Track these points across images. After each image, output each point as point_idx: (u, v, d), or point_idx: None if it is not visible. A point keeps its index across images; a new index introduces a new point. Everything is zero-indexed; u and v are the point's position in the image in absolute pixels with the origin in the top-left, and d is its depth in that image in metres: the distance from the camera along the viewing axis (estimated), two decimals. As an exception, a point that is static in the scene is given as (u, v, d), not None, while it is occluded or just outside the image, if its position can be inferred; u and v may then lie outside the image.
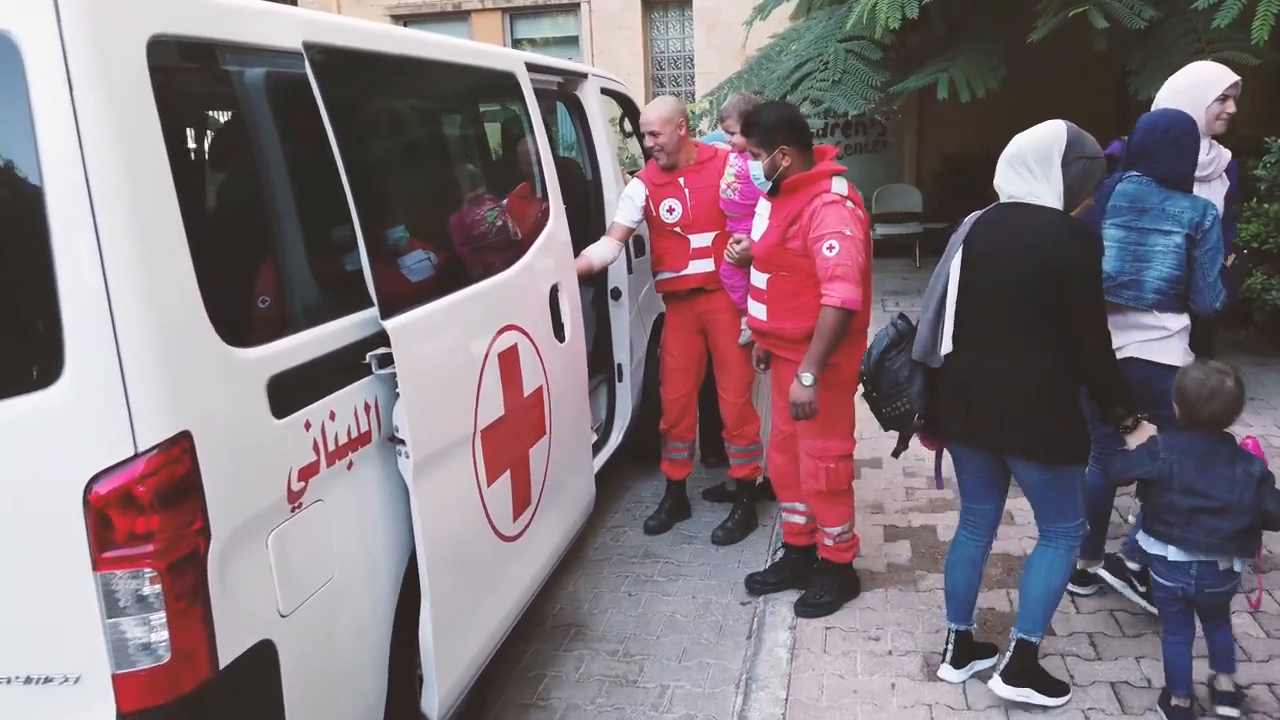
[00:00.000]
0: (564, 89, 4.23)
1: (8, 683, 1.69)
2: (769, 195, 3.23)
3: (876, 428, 4.85)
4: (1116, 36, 6.13)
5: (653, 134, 3.86)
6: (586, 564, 4.03)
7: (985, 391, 2.67)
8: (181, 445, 1.70)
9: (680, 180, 3.94)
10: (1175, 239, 2.94)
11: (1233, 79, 3.13)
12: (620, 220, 4.00)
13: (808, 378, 3.01)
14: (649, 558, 4.08)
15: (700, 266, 3.98)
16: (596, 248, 3.88)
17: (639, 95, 11.33)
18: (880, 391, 2.91)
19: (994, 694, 2.83)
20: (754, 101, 3.91)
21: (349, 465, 2.18)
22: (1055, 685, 2.84)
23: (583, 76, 4.28)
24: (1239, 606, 3.10)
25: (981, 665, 3.02)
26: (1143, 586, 3.30)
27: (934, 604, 3.48)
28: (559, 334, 3.25)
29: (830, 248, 2.95)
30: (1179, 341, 3.04)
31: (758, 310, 3.31)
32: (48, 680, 1.69)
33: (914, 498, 4.45)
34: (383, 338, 2.21)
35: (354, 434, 2.19)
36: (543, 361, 3.05)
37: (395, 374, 2.23)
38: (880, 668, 3.12)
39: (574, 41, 12.92)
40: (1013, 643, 2.82)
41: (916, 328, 2.86)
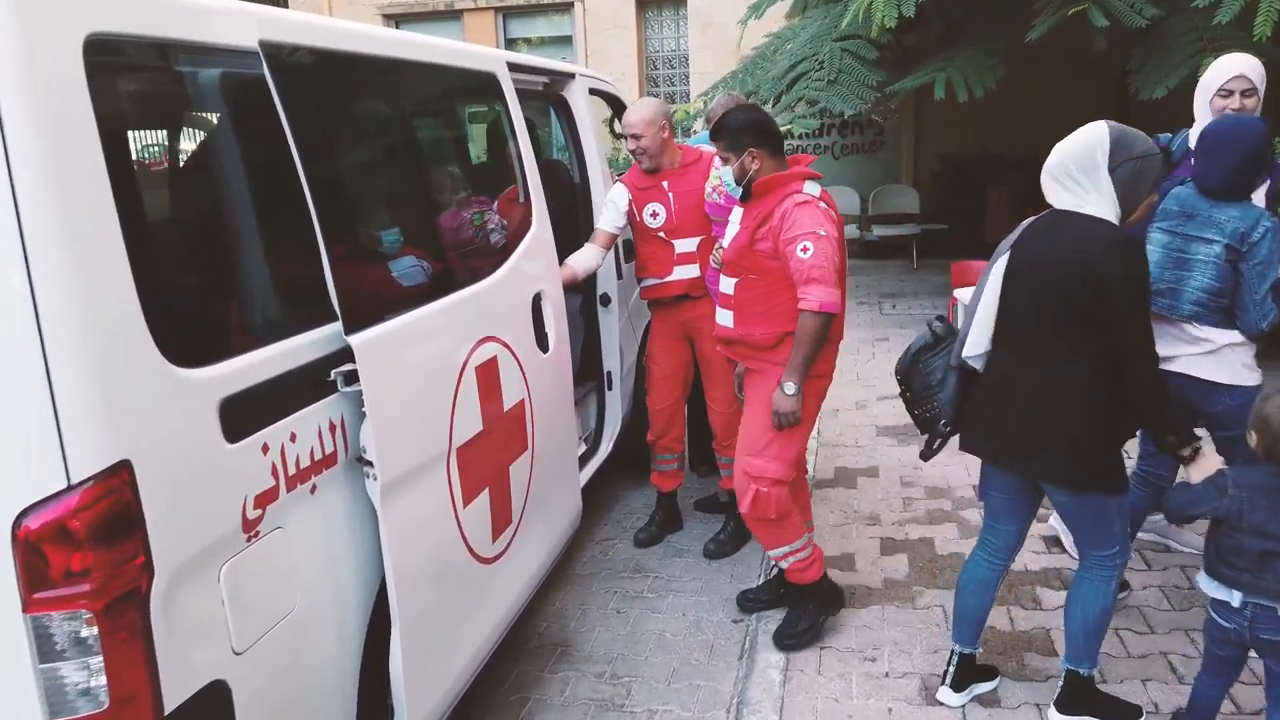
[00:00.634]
0: (550, 90, 4.10)
1: (-69, 734, 1.57)
2: (741, 201, 3.09)
3: (873, 434, 4.73)
4: (1116, 35, 6.01)
5: (635, 136, 3.74)
6: (574, 579, 3.91)
7: (1012, 407, 2.52)
8: (120, 475, 1.57)
9: (664, 184, 3.82)
10: (1215, 249, 2.80)
11: (1231, 73, 3.00)
12: (603, 226, 3.88)
13: (791, 386, 2.91)
14: (639, 572, 3.96)
15: (685, 272, 3.86)
16: (580, 256, 3.76)
17: (633, 95, 11.21)
18: (913, 392, 2.84)
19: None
20: (742, 102, 3.79)
21: (312, 489, 2.05)
22: (1125, 710, 2.70)
23: (570, 77, 4.16)
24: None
25: (982, 689, 2.90)
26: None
27: (932, 622, 3.36)
28: (542, 344, 3.12)
29: (804, 249, 2.82)
30: (1230, 356, 2.87)
31: (724, 318, 3.15)
32: (-26, 731, 1.56)
33: (911, 509, 4.33)
34: (349, 353, 2.08)
35: (318, 456, 2.07)
36: (524, 374, 2.92)
37: (361, 392, 2.10)
38: (877, 690, 3.00)
39: (568, 41, 12.80)
40: (1063, 672, 2.71)
41: (956, 331, 2.75)
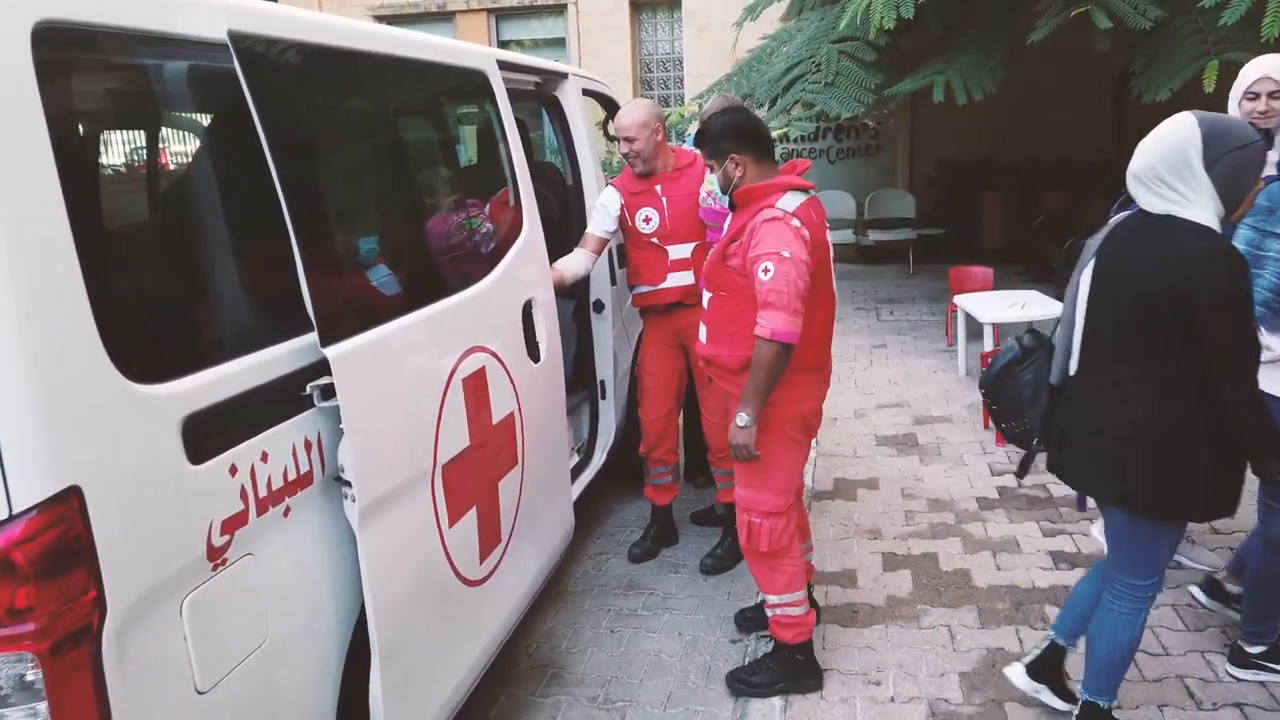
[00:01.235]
0: (542, 90, 3.97)
1: None
2: (731, 210, 2.91)
3: (873, 444, 4.58)
4: (1117, 38, 5.92)
5: (627, 139, 3.61)
6: (566, 596, 3.77)
7: (1081, 421, 2.37)
8: (69, 503, 1.44)
9: (657, 188, 3.69)
10: None
11: (1255, 75, 2.88)
12: (593, 231, 3.76)
13: (743, 417, 2.69)
14: (633, 589, 3.82)
15: (679, 279, 3.73)
16: (569, 260, 3.63)
17: (627, 98, 11.06)
18: (1001, 407, 2.71)
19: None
20: (736, 104, 3.67)
21: (285, 512, 1.92)
22: None
23: (562, 76, 4.03)
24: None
25: (1051, 701, 2.76)
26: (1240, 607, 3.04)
27: (937, 643, 3.23)
28: (533, 354, 2.99)
29: (765, 270, 2.60)
30: None
31: (702, 333, 2.98)
32: (-93, 783, 1.43)
33: (914, 522, 4.21)
34: (326, 365, 1.95)
35: (291, 476, 1.93)
36: (514, 385, 2.79)
37: (339, 407, 1.97)
38: (882, 716, 2.87)
39: (561, 43, 12.68)
40: (1080, 701, 2.58)
41: (1046, 344, 2.61)
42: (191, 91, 1.90)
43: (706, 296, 2.90)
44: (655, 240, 3.71)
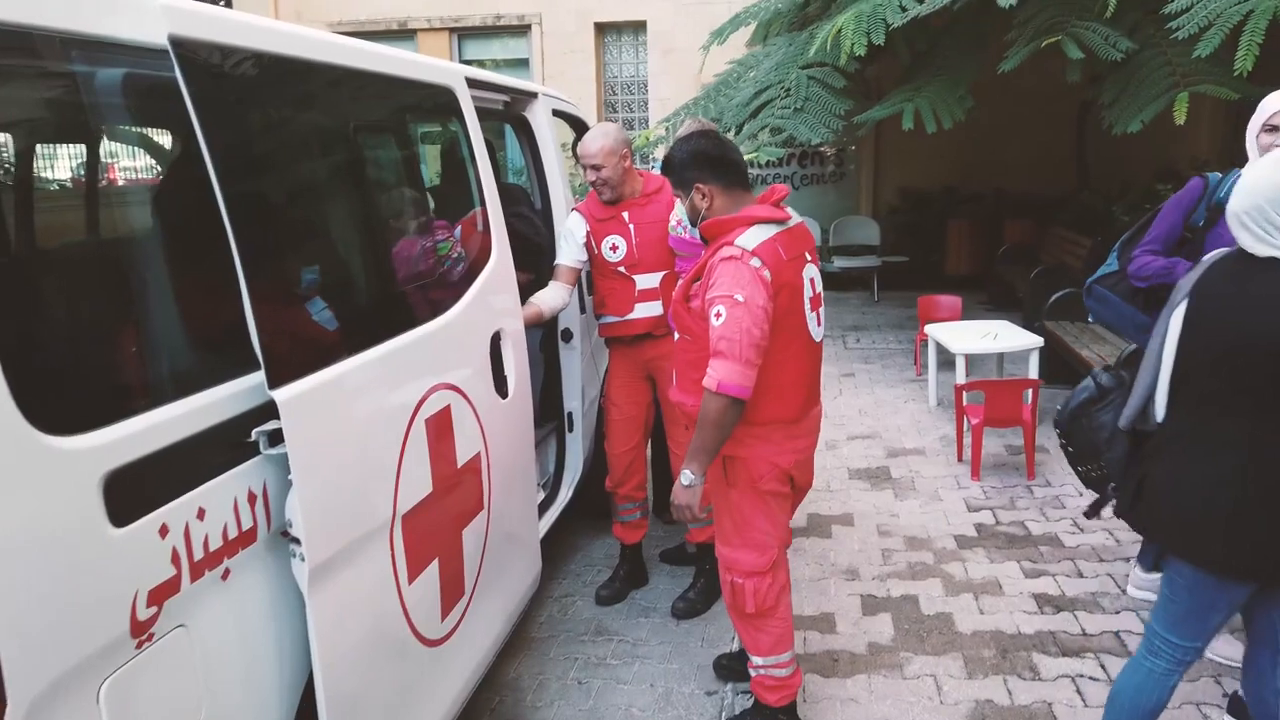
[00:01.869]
0: (511, 109, 3.80)
1: None
2: (704, 242, 2.69)
3: (846, 477, 4.38)
4: (1085, 69, 5.92)
5: (594, 167, 3.44)
6: (531, 643, 3.56)
7: (1166, 469, 2.18)
8: (-38, 579, 1.22)
9: (624, 215, 3.52)
10: None
11: (1271, 109, 2.77)
12: (564, 262, 3.59)
13: (686, 475, 2.47)
14: (601, 635, 3.62)
15: (647, 310, 3.56)
16: (546, 294, 3.47)
17: (592, 121, 10.94)
18: (1076, 449, 2.57)
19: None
20: (709, 128, 3.52)
21: (224, 574, 1.70)
22: None
23: (532, 96, 3.86)
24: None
25: None
26: None
27: (924, 694, 3.07)
28: (501, 389, 2.80)
29: (717, 315, 2.37)
30: None
31: (675, 376, 2.80)
32: None
33: (891, 561, 4.06)
34: (274, 408, 1.74)
35: (232, 534, 1.72)
36: (481, 424, 2.60)
37: (287, 454, 1.76)
38: (869, 778, 2.70)
39: (525, 64, 12.53)
40: None
41: (1124, 384, 2.46)
42: (124, 103, 1.69)
43: (676, 336, 2.73)
44: (622, 269, 3.54)
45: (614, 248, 3.53)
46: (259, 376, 1.74)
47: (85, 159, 1.67)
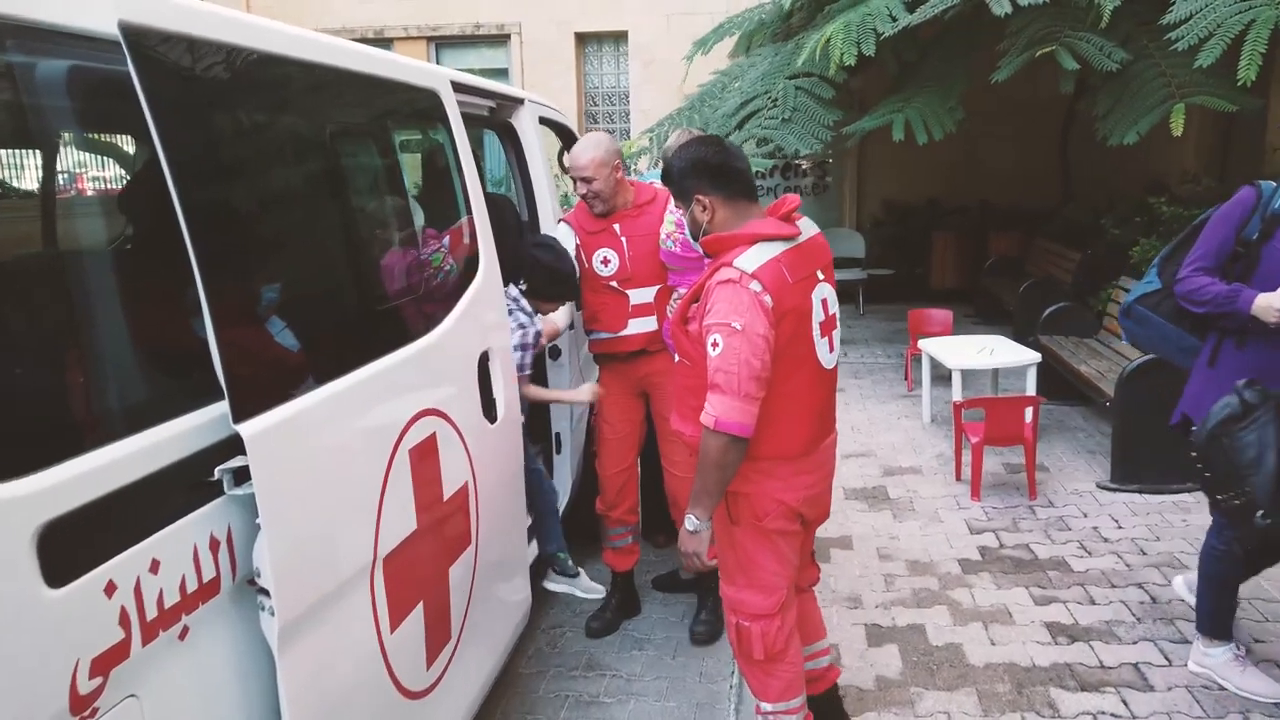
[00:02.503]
0: (496, 115, 3.62)
1: None
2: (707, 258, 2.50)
3: (842, 497, 4.20)
4: (1078, 80, 5.84)
5: (585, 180, 3.26)
6: (518, 680, 3.35)
7: None
8: None
9: (615, 227, 3.34)
10: None
11: None
12: None
13: (692, 520, 2.30)
14: (593, 669, 3.42)
15: (641, 325, 3.38)
16: (557, 312, 3.33)
17: (577, 133, 10.76)
18: (1215, 474, 2.35)
19: None
20: (706, 136, 3.35)
21: (182, 633, 1.50)
22: None
23: (518, 102, 3.69)
24: None
25: None
26: None
27: (938, 734, 2.90)
28: (489, 412, 2.61)
29: (714, 345, 2.19)
30: None
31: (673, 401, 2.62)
32: None
33: (895, 588, 3.89)
34: (239, 442, 1.55)
35: (191, 587, 1.52)
36: (469, 451, 2.40)
37: (254, 495, 1.56)
38: (886, 829, 2.52)
39: (504, 74, 12.35)
40: None
41: (1272, 398, 2.28)
42: (66, 100, 1.49)
43: (676, 358, 2.54)
44: (615, 284, 3.37)
45: (605, 261, 3.35)
46: (222, 407, 1.54)
47: (18, 164, 1.47)
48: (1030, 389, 5.32)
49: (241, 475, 1.60)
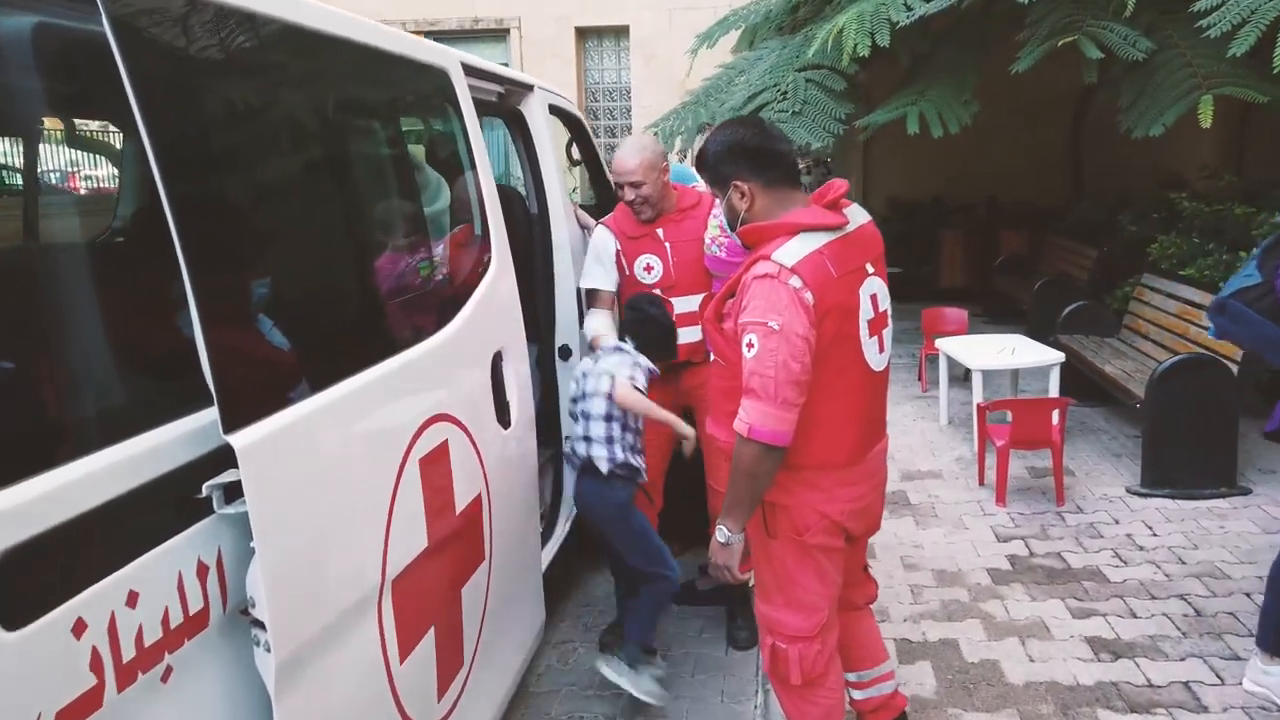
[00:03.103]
0: (504, 102, 3.42)
1: None
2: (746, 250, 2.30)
3: None
4: (1102, 71, 5.66)
5: (634, 184, 3.06)
6: (529, 699, 3.15)
7: None
8: None
9: (659, 232, 3.15)
10: None
11: None
12: (603, 287, 3.22)
13: (722, 532, 2.15)
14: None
15: (687, 336, 3.17)
16: (600, 325, 3.16)
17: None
18: None
19: None
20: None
21: (164, 675, 1.31)
22: None
23: (528, 89, 3.49)
24: None
25: None
26: None
27: (982, 760, 2.71)
28: (503, 417, 2.41)
29: (749, 345, 2.02)
30: None
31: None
32: None
33: (923, 599, 3.71)
34: (230, 454, 1.35)
35: (175, 621, 1.32)
36: (482, 460, 2.21)
37: (248, 513, 1.37)
38: None
39: (503, 70, 12.16)
40: None
41: None
42: (33, 68, 1.30)
43: (712, 358, 2.36)
44: (658, 292, 3.17)
45: (649, 268, 3.16)
46: (211, 415, 1.35)
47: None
48: (1053, 390, 5.14)
49: (233, 491, 1.41)
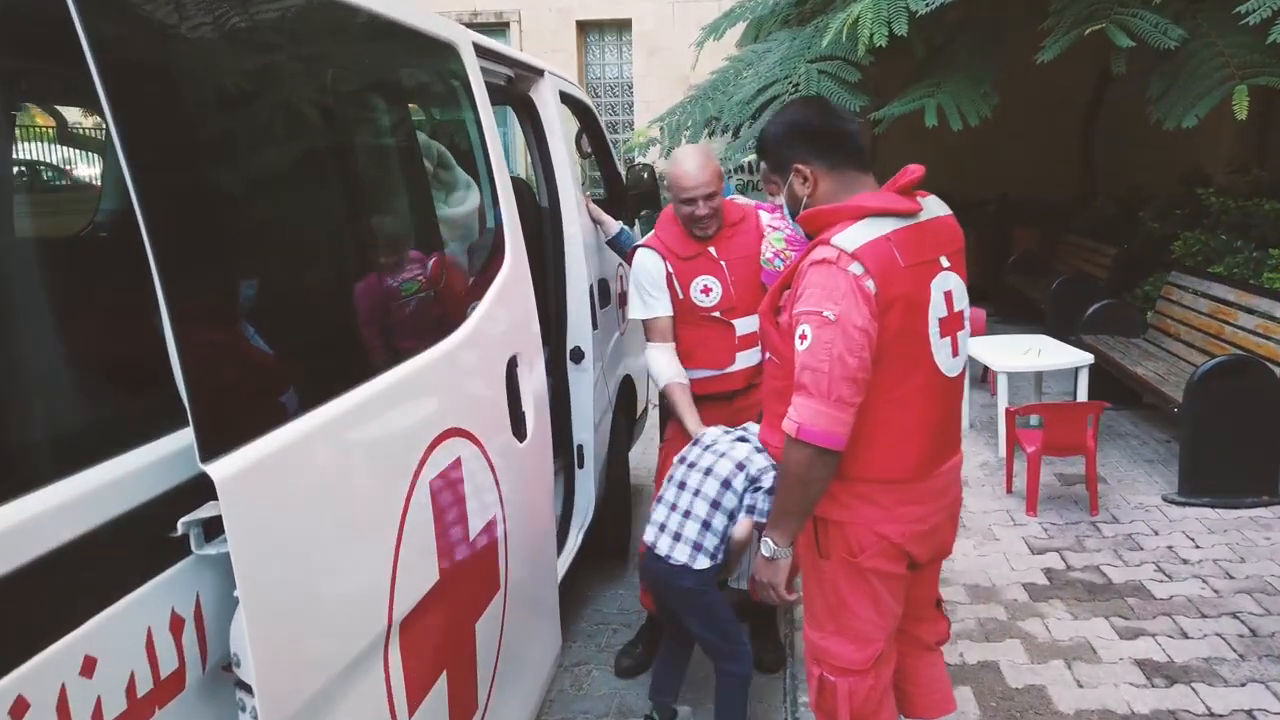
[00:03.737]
0: (514, 87, 3.20)
1: None
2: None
3: None
4: (1103, 66, 5.47)
5: (706, 198, 2.80)
6: (542, 728, 2.94)
7: None
8: None
9: (712, 250, 2.90)
10: None
11: None
12: (662, 314, 2.94)
13: (768, 545, 1.97)
14: (625, 717, 3.01)
15: (749, 359, 2.94)
16: (668, 362, 2.93)
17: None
18: None
19: None
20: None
21: (130, 753, 1.08)
22: None
23: (539, 74, 3.28)
24: None
25: None
26: None
27: (1035, 799, 2.50)
28: (518, 429, 2.19)
29: (801, 337, 1.83)
30: None
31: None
32: None
33: (957, 617, 3.48)
34: (209, 485, 1.13)
35: (145, 687, 1.10)
36: (497, 477, 1.99)
37: (230, 554, 1.15)
38: None
39: (502, 64, 11.95)
40: None
41: None
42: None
43: (766, 356, 2.14)
44: (718, 314, 2.92)
45: (706, 290, 2.91)
46: (186, 438, 1.13)
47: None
48: (1082, 393, 4.93)
49: (214, 527, 1.18)
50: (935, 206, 2.03)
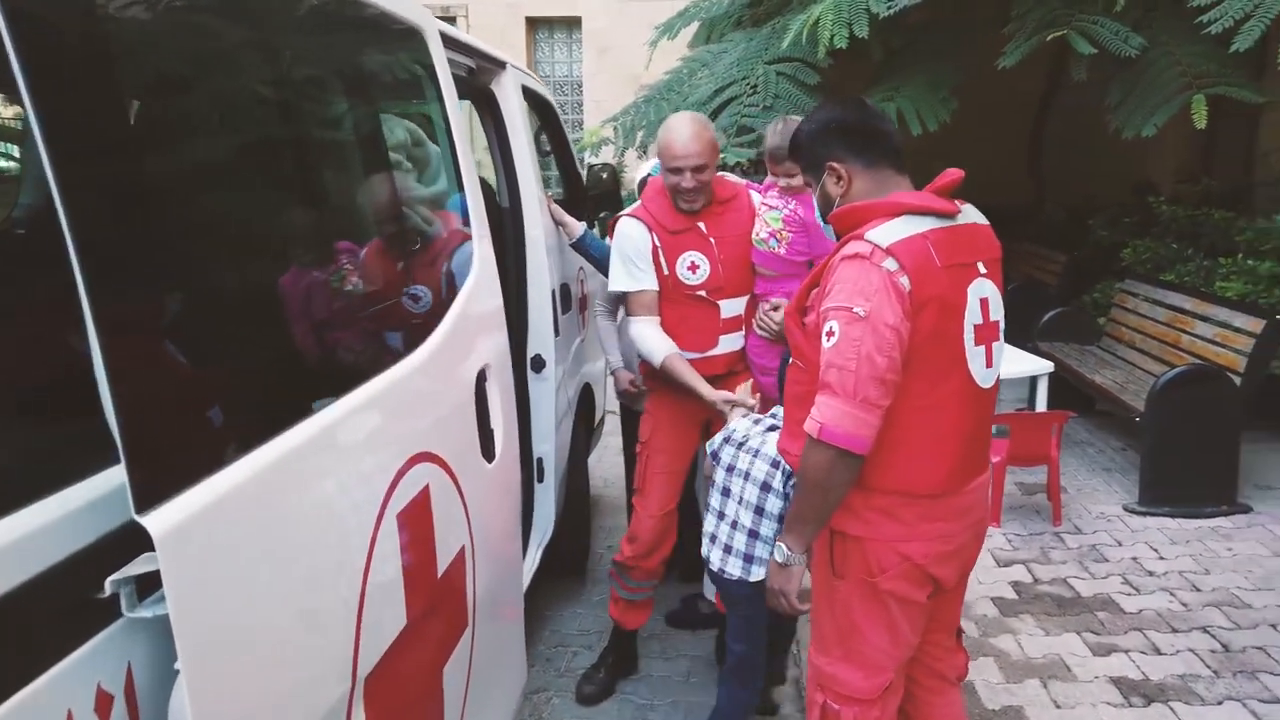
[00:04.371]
0: (475, 79, 3.02)
1: None
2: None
3: None
4: (1064, 74, 5.49)
5: (696, 169, 2.64)
6: (503, 762, 2.76)
7: None
8: None
9: (701, 226, 2.75)
10: None
11: None
12: (648, 287, 2.77)
13: (782, 551, 1.88)
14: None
15: (731, 343, 2.82)
16: (659, 336, 2.76)
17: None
18: None
19: None
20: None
21: None
22: None
23: (500, 66, 3.09)
24: None
25: None
26: None
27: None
28: (487, 449, 2.02)
29: (829, 334, 1.75)
30: None
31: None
32: None
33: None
34: (144, 537, 0.95)
35: (61, 785, 0.91)
36: (465, 503, 1.81)
37: (169, 616, 0.97)
38: None
39: (449, 59, 11.67)
40: None
41: None
42: None
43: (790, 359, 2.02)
44: (704, 294, 2.77)
45: (693, 267, 2.75)
46: (114, 477, 0.94)
47: None
48: (1040, 402, 4.90)
49: (149, 584, 1.00)
50: (972, 213, 1.92)
